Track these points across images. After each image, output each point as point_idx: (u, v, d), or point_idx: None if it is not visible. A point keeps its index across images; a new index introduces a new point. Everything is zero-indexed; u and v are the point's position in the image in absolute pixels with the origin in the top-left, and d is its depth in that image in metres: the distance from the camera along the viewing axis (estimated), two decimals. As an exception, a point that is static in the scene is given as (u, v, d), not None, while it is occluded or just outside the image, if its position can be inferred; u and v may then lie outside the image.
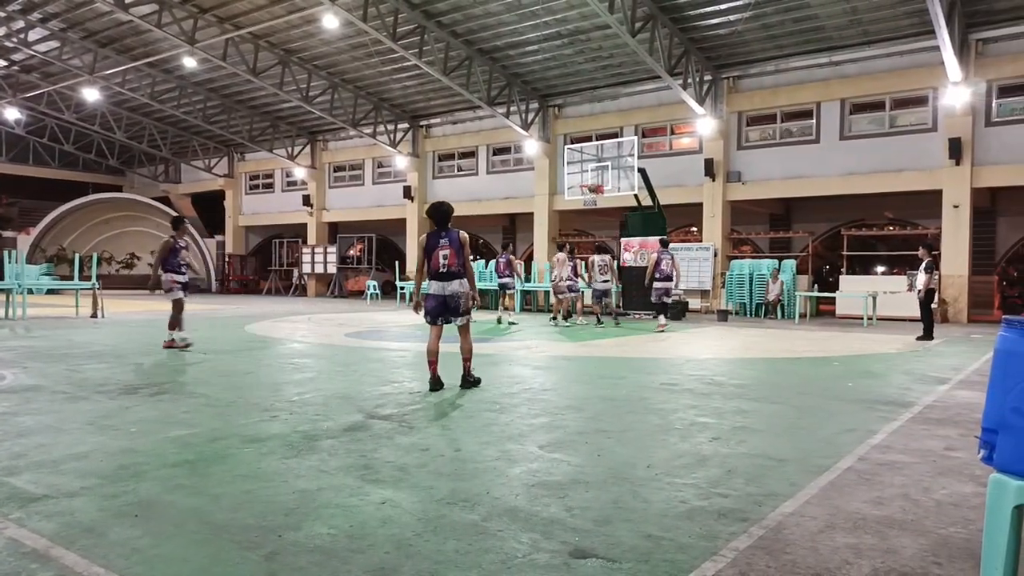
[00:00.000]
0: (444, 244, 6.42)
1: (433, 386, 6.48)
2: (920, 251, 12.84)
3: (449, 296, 6.44)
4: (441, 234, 6.46)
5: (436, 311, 6.51)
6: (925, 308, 12.57)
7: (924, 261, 12.53)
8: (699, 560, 2.76)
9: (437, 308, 6.49)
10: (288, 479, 3.76)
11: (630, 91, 22.51)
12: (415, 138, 28.04)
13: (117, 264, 36.77)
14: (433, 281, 6.47)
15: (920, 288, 12.57)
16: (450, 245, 6.42)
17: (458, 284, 6.45)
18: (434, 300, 6.47)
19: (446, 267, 6.40)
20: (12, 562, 2.68)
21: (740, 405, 6.00)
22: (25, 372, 7.41)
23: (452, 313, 6.51)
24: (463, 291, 6.48)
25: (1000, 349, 2.39)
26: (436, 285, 6.46)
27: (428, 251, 6.46)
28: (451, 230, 6.52)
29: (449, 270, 6.41)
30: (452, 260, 6.41)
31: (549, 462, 4.14)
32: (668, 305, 14.55)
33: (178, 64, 24.55)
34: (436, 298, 6.46)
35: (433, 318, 6.55)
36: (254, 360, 8.85)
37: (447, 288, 6.43)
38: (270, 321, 15.55)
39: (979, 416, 2.60)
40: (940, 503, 3.50)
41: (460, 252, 6.44)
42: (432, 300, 6.48)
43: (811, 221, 23.59)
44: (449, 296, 6.44)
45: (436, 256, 6.41)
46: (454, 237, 6.47)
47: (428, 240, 6.48)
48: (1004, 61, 16.96)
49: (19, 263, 15.21)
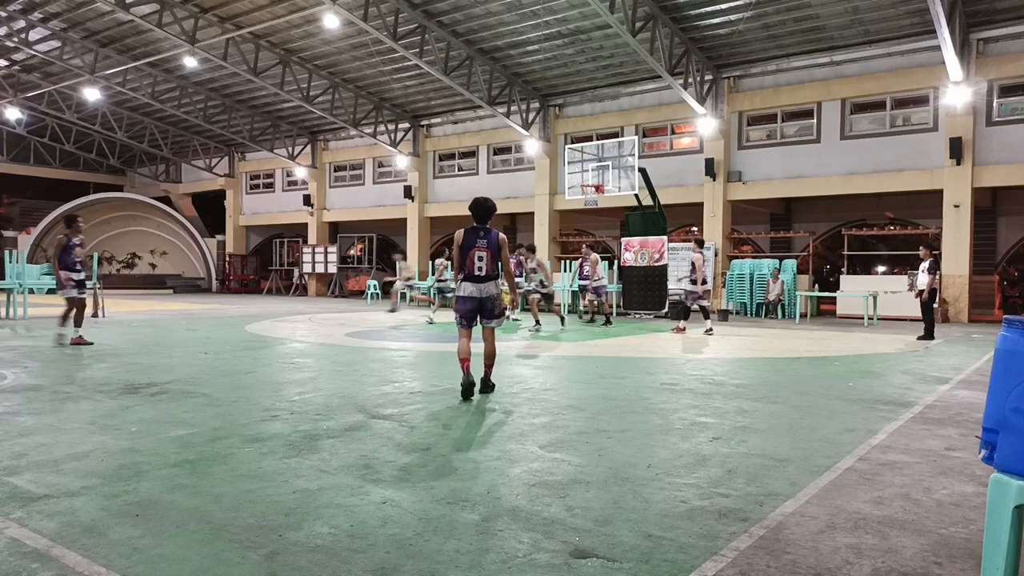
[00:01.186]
0: (482, 245, 6.10)
1: (466, 392, 6.04)
2: (921, 251, 12.80)
3: (485, 298, 6.17)
4: (480, 233, 6.14)
5: (470, 313, 6.21)
6: (927, 308, 12.53)
7: (926, 261, 12.48)
8: (700, 560, 2.76)
9: (471, 310, 6.19)
10: (289, 479, 3.76)
11: (631, 91, 22.52)
12: (416, 138, 28.04)
13: (118, 264, 36.80)
14: (467, 283, 6.16)
15: (923, 288, 12.51)
16: (488, 247, 6.12)
17: (494, 286, 6.20)
18: (469, 303, 6.16)
19: (482, 269, 6.12)
20: (13, 562, 2.68)
21: (741, 405, 6.00)
22: (26, 372, 7.41)
23: (487, 316, 6.25)
24: (498, 292, 6.22)
25: (1001, 349, 2.39)
26: (471, 287, 6.15)
27: (465, 249, 6.12)
28: (491, 230, 6.21)
29: (487, 273, 6.15)
30: (490, 265, 6.15)
31: (550, 462, 4.14)
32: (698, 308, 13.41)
33: (179, 64, 24.56)
34: (471, 300, 6.16)
35: (468, 320, 6.24)
36: (255, 360, 8.85)
37: (484, 290, 6.16)
38: (271, 321, 15.55)
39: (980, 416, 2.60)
40: (941, 503, 3.50)
41: (498, 255, 6.17)
42: (467, 303, 6.16)
43: (812, 221, 23.59)
44: (485, 298, 6.17)
45: (472, 256, 6.10)
46: (493, 239, 6.16)
47: (466, 237, 6.12)
48: (1005, 61, 16.95)
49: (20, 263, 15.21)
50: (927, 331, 12.48)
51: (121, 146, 35.34)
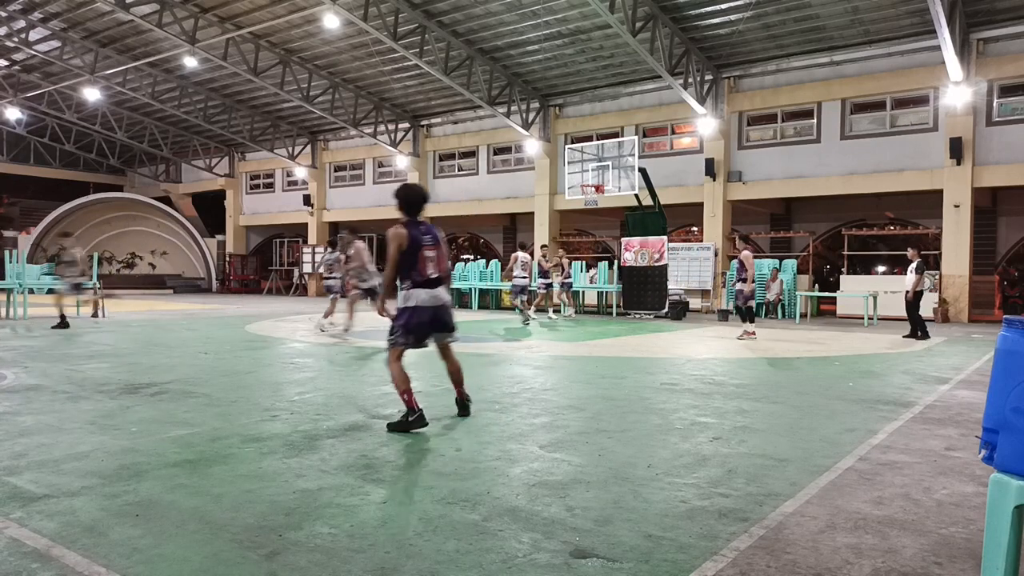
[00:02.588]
0: (430, 243, 5.03)
1: (421, 422, 4.90)
2: (909, 251, 12.92)
3: (440, 308, 5.07)
4: (421, 227, 5.05)
5: (425, 329, 5.05)
6: (913, 308, 12.66)
7: (914, 262, 12.60)
8: (700, 560, 2.76)
9: (427, 325, 5.04)
10: (289, 479, 3.76)
11: (631, 91, 22.51)
12: (416, 138, 28.04)
13: (118, 264, 36.79)
14: (420, 290, 4.99)
15: (908, 289, 12.66)
16: (435, 244, 5.08)
17: (446, 291, 5.15)
18: (424, 314, 5.01)
19: (434, 272, 5.03)
20: (13, 562, 2.68)
21: (741, 405, 6.00)
22: (26, 372, 7.41)
23: (442, 329, 5.16)
24: (450, 299, 5.23)
25: (1001, 349, 2.39)
26: (426, 294, 5.00)
27: (413, 248, 4.95)
28: (431, 224, 5.18)
29: (439, 276, 5.07)
30: (442, 264, 5.10)
31: (550, 462, 4.14)
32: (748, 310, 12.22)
33: (179, 64, 24.55)
34: (427, 311, 5.01)
35: (420, 339, 5.08)
36: (255, 360, 8.86)
37: (441, 297, 5.08)
38: (271, 321, 15.55)
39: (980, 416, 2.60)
40: (941, 503, 3.50)
41: (445, 252, 5.22)
42: (421, 314, 5.00)
43: (812, 221, 23.58)
44: (440, 308, 5.07)
45: (422, 256, 4.98)
46: (437, 234, 5.15)
47: (411, 234, 4.95)
48: (1005, 61, 16.95)
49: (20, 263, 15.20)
50: (920, 331, 12.58)
51: (121, 146, 35.33)
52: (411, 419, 4.89)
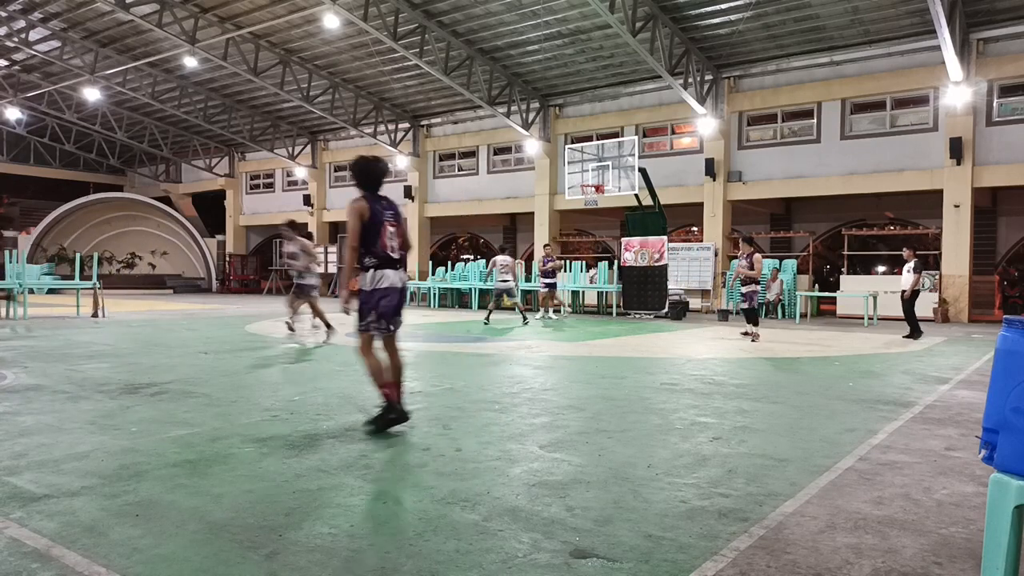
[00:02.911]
0: (391, 219, 4.76)
1: (401, 416, 4.79)
2: (905, 252, 12.94)
3: (404, 290, 4.86)
4: (383, 202, 4.78)
5: (394, 311, 4.81)
6: (909, 307, 12.69)
7: (911, 261, 12.63)
8: (699, 560, 2.76)
9: (395, 307, 4.80)
10: (289, 479, 3.76)
11: (631, 91, 22.52)
12: (416, 138, 28.04)
13: (118, 264, 36.80)
14: (386, 270, 4.72)
15: (905, 289, 12.70)
16: (397, 222, 4.82)
17: (405, 273, 4.92)
18: (394, 295, 4.77)
19: (395, 251, 4.78)
20: (13, 562, 2.68)
21: (741, 405, 6.00)
22: (26, 372, 7.41)
23: (399, 314, 4.90)
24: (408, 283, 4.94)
25: (1001, 349, 2.39)
26: (392, 275, 4.74)
27: (374, 224, 4.67)
28: (391, 200, 4.92)
29: (400, 257, 4.82)
30: (404, 242, 4.86)
31: (550, 462, 4.14)
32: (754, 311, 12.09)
33: (179, 64, 24.57)
34: (395, 292, 4.77)
35: (392, 322, 4.84)
36: (255, 359, 8.85)
37: (403, 279, 4.83)
38: (271, 321, 15.54)
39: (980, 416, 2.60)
40: (941, 503, 3.50)
41: (405, 231, 4.93)
42: (391, 296, 4.75)
43: (812, 221, 23.59)
44: (404, 290, 4.86)
45: (384, 234, 4.70)
46: (398, 209, 4.90)
47: (372, 208, 4.67)
48: (1005, 61, 16.95)
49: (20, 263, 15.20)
50: (914, 330, 12.61)
51: (121, 146, 35.34)
52: (391, 416, 4.74)
